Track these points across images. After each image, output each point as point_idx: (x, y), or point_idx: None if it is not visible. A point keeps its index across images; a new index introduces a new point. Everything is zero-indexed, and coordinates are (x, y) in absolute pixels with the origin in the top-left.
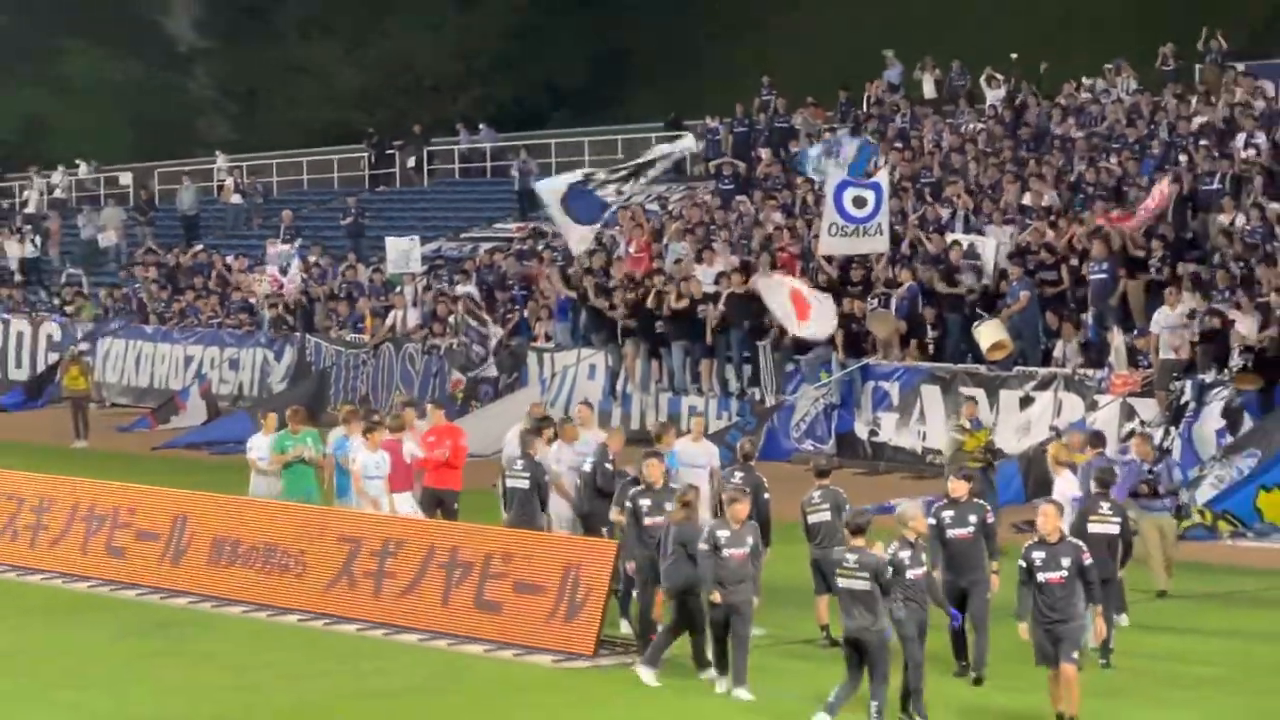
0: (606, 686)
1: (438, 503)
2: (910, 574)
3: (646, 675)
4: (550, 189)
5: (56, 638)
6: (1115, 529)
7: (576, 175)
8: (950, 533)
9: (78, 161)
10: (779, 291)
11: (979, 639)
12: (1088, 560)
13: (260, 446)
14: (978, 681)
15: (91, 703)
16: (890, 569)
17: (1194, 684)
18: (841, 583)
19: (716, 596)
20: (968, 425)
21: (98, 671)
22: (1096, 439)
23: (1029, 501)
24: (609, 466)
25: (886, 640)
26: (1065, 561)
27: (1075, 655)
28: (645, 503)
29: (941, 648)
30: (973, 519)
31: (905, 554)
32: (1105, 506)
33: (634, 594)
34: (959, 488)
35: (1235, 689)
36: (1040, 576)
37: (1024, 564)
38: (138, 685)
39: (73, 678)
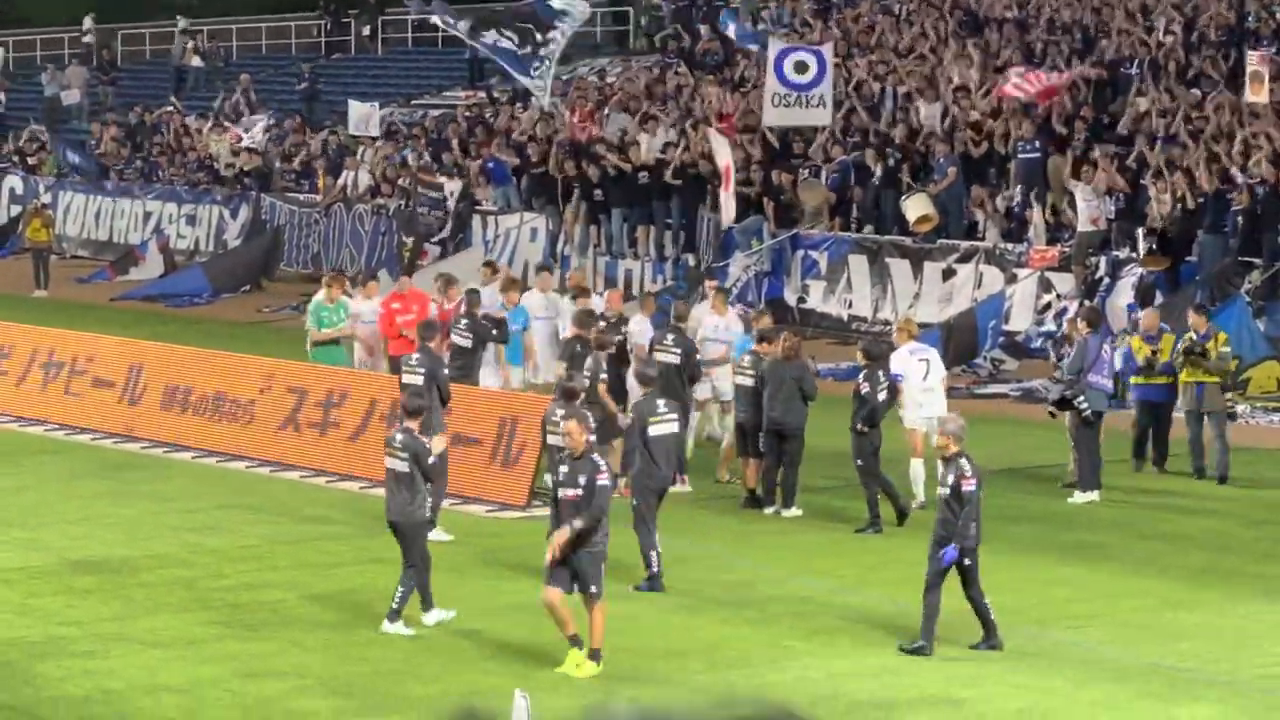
0: (537, 535)
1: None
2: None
3: None
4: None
5: (12, 479)
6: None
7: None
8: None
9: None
10: (721, 153)
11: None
12: (601, 481)
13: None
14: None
15: (44, 540)
16: (429, 458)
17: (1073, 548)
18: (387, 461)
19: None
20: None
21: (51, 511)
22: (1094, 314)
23: (949, 369)
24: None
25: (423, 523)
26: (581, 480)
27: (593, 588)
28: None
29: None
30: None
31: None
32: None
33: None
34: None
35: (1110, 552)
36: (559, 492)
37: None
38: (88, 525)
39: (27, 516)
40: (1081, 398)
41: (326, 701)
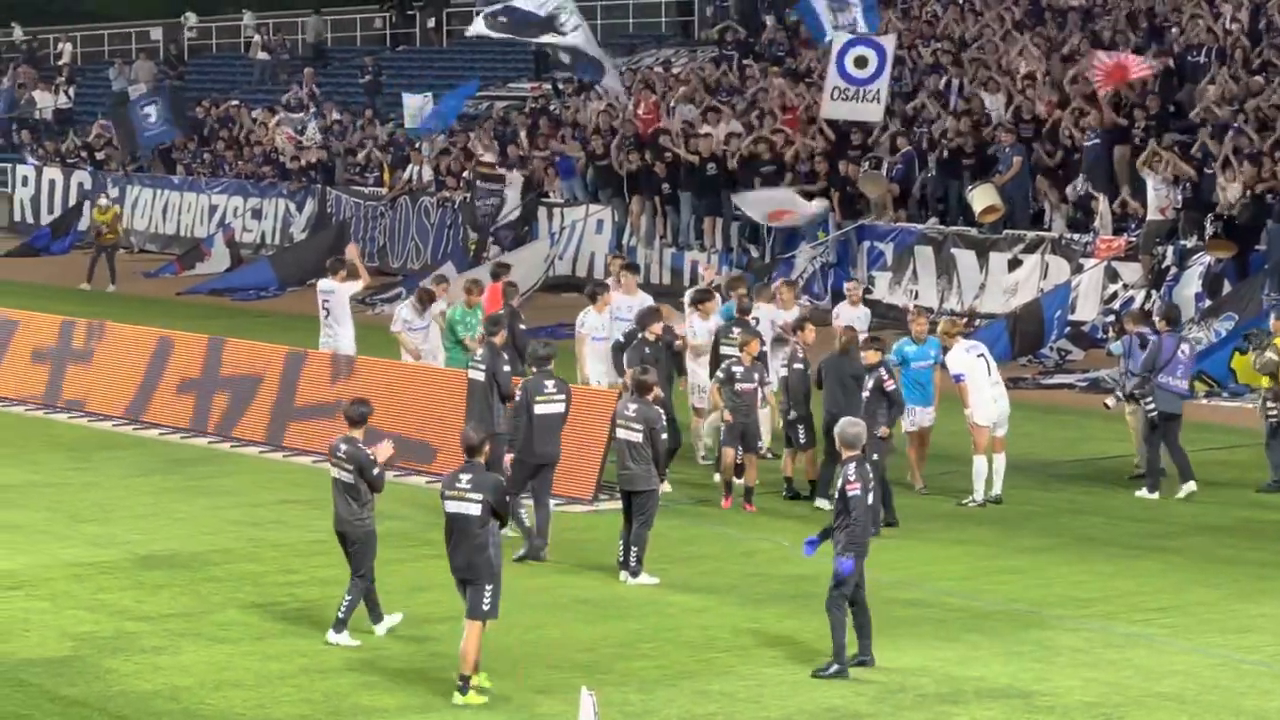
0: (605, 530)
1: None
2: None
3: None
4: None
5: (81, 474)
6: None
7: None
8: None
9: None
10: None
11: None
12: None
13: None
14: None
15: (113, 534)
16: (374, 469)
17: (1140, 539)
18: (332, 472)
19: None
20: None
21: (120, 505)
22: (1174, 312)
23: (1015, 359)
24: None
25: (372, 533)
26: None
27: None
28: (738, 370)
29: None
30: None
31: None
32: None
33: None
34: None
35: (1177, 544)
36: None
37: None
38: (157, 519)
39: (96, 510)
40: (1149, 399)
41: (394, 697)
